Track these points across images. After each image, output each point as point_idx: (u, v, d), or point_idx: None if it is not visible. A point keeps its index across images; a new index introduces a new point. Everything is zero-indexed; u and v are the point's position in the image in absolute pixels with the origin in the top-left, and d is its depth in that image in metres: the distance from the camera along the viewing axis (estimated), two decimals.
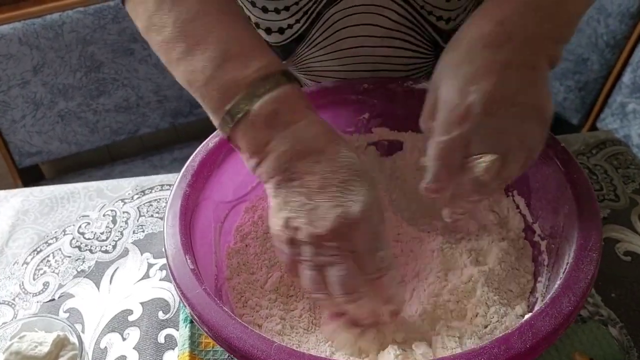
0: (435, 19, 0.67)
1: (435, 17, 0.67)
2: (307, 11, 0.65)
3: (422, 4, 0.65)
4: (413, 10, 0.65)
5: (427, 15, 0.66)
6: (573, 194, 0.51)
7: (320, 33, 0.67)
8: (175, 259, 0.48)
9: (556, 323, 0.41)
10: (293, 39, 0.69)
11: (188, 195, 0.55)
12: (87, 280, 0.70)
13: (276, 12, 0.66)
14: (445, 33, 0.69)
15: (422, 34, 0.68)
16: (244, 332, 0.42)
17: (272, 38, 0.70)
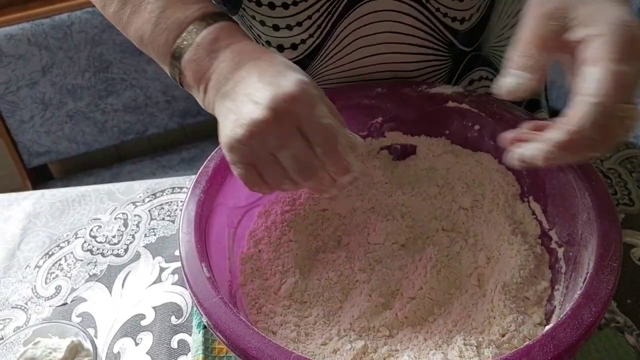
0: (450, 21, 0.66)
1: (450, 18, 0.66)
2: (320, 25, 0.65)
3: (437, 7, 0.65)
4: (428, 13, 0.65)
5: (442, 18, 0.66)
6: (592, 201, 0.51)
7: (335, 45, 0.67)
8: (191, 267, 0.48)
9: (578, 334, 0.41)
10: (307, 54, 0.68)
11: (202, 202, 0.54)
12: (100, 284, 0.70)
13: (288, 29, 0.65)
14: (460, 33, 0.69)
15: (438, 37, 0.67)
16: (261, 342, 0.42)
17: (285, 54, 0.69)
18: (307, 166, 0.48)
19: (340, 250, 0.63)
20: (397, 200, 0.66)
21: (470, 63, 0.74)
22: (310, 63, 0.70)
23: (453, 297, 0.58)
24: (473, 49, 0.72)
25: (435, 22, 0.66)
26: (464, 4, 0.65)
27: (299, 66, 0.69)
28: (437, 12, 0.65)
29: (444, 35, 0.68)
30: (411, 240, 0.64)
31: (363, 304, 0.57)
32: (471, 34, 0.70)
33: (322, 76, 0.71)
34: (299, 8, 0.63)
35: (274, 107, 0.46)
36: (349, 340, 0.53)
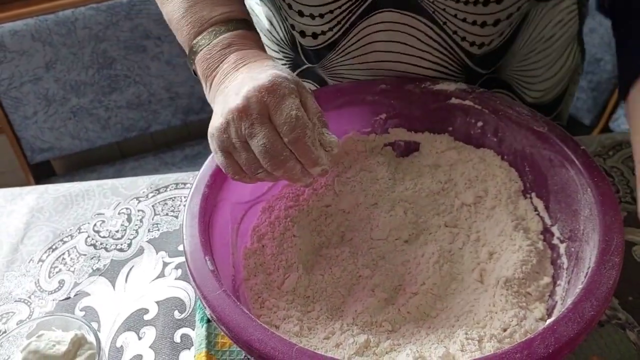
0: (468, 45, 0.66)
1: (468, 42, 0.65)
2: (340, 21, 0.65)
3: (455, 29, 0.64)
4: (445, 34, 0.64)
5: (459, 41, 0.65)
6: (594, 197, 0.51)
7: (351, 43, 0.67)
8: (195, 261, 0.48)
9: (579, 328, 0.41)
10: (325, 45, 0.69)
11: (207, 196, 0.55)
12: (103, 279, 0.70)
13: (311, 18, 0.66)
14: (477, 57, 0.68)
15: (452, 58, 0.67)
16: (264, 334, 0.42)
17: (306, 41, 0.70)
18: (275, 155, 0.50)
19: (343, 245, 0.63)
20: (400, 196, 0.66)
21: (485, 84, 0.72)
22: (327, 55, 0.71)
23: (455, 292, 0.58)
24: (489, 72, 0.71)
25: (451, 44, 0.65)
26: (484, 30, 0.64)
27: (318, 55, 0.71)
28: (454, 34, 0.64)
29: (459, 57, 0.67)
30: (414, 235, 0.64)
31: (366, 299, 0.57)
32: (489, 57, 0.69)
33: (337, 69, 0.72)
34: (323, 1, 0.64)
35: (246, 97, 0.50)
36: (352, 335, 0.53)
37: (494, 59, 0.69)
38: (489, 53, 0.67)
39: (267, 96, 0.50)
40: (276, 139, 0.50)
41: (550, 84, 0.77)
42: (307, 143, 0.51)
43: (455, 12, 0.62)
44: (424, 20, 0.64)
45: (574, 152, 0.55)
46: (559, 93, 0.80)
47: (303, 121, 0.50)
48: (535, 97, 0.77)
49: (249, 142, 0.51)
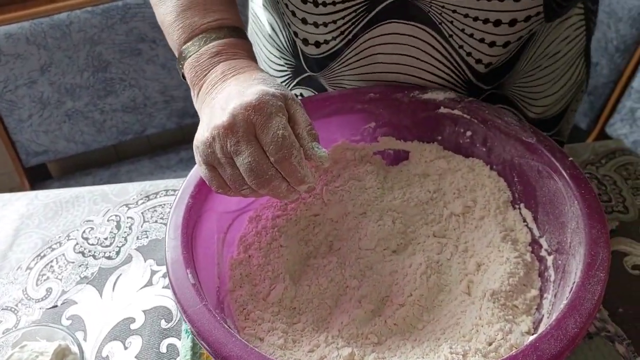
0: (474, 62, 0.64)
1: (474, 59, 0.64)
2: (343, 31, 0.65)
3: (461, 44, 0.63)
4: (450, 47, 0.63)
5: (465, 56, 0.64)
6: (581, 210, 0.51)
7: (354, 54, 0.67)
8: (176, 273, 0.48)
9: (561, 346, 0.41)
10: (328, 54, 0.68)
11: (190, 207, 0.54)
12: (90, 287, 0.70)
13: (315, 26, 0.65)
14: (481, 75, 0.66)
15: (455, 72, 0.66)
16: (244, 350, 0.42)
17: (308, 49, 0.70)
18: (260, 174, 0.50)
19: (331, 255, 0.62)
20: (388, 206, 0.65)
21: (487, 100, 0.71)
22: (329, 64, 0.70)
23: (442, 304, 0.58)
24: (492, 88, 0.70)
25: (457, 58, 0.64)
26: (493, 50, 0.63)
27: (320, 64, 0.71)
28: (460, 49, 0.63)
29: (464, 73, 0.66)
30: (402, 246, 0.64)
31: (353, 311, 0.57)
32: (493, 74, 0.68)
33: (338, 79, 0.72)
34: (327, 10, 0.63)
35: (233, 114, 0.50)
36: (336, 347, 0.53)
37: (497, 76, 0.68)
38: (493, 70, 0.66)
39: (253, 114, 0.49)
40: (262, 158, 0.50)
41: (553, 99, 0.76)
42: (293, 163, 0.50)
43: (463, 26, 0.61)
44: (429, 31, 0.63)
45: (562, 163, 0.55)
46: (562, 109, 0.78)
47: (290, 141, 0.50)
48: (538, 113, 0.76)
49: (235, 159, 0.51)
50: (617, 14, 1.33)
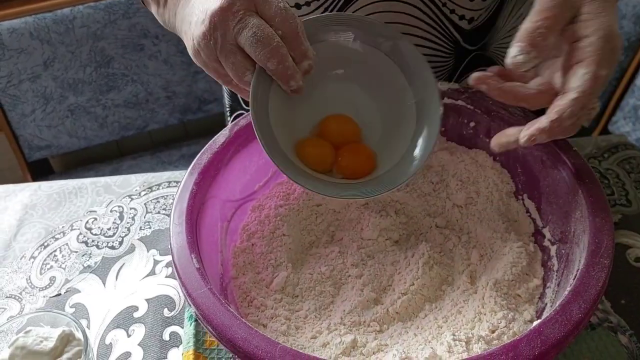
0: (457, 18, 0.67)
1: (457, 15, 0.66)
2: (327, 7, 0.65)
3: (444, 1, 0.65)
4: (435, 7, 0.65)
5: (449, 14, 0.66)
6: (585, 199, 0.51)
7: None
8: (181, 258, 0.48)
9: (565, 330, 0.41)
10: None
11: (195, 194, 0.54)
12: (94, 276, 0.70)
13: (297, 7, 0.66)
14: (466, 32, 0.68)
15: (443, 32, 0.67)
16: (248, 332, 0.42)
17: None
18: (267, 42, 0.48)
19: (333, 245, 0.63)
20: (391, 197, 0.65)
21: (473, 62, 0.74)
22: None
23: (445, 294, 0.58)
24: (477, 49, 0.72)
25: (442, 18, 0.66)
26: (473, 3, 0.65)
27: None
28: (443, 7, 0.65)
29: (449, 32, 0.68)
30: (405, 236, 0.64)
31: (354, 299, 0.57)
32: (477, 33, 0.70)
33: None
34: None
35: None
36: (339, 334, 0.53)
37: (481, 35, 0.70)
38: (476, 29, 0.68)
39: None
40: (266, 26, 0.48)
41: None
42: (299, 33, 0.50)
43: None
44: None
45: (566, 153, 0.55)
46: None
47: (292, 12, 0.50)
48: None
49: (238, 38, 0.49)
50: (620, 11, 1.33)
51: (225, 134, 0.60)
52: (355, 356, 0.51)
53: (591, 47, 0.46)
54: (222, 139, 0.60)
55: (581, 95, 0.45)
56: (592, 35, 0.46)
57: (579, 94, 0.45)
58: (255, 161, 0.64)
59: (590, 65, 0.45)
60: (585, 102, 0.46)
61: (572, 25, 0.47)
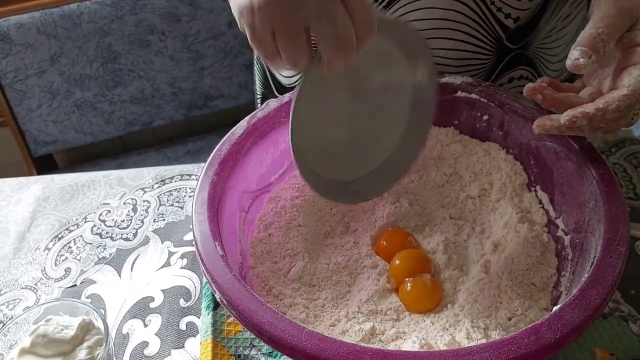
0: (503, 17, 0.67)
1: (503, 14, 0.67)
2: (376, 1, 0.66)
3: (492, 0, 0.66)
4: (483, 4, 0.66)
5: (495, 12, 0.67)
6: (599, 188, 0.52)
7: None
8: (205, 245, 0.49)
9: (585, 315, 0.42)
10: None
11: (215, 183, 0.55)
12: (109, 267, 0.71)
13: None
14: (510, 31, 0.69)
15: (488, 30, 0.68)
16: (274, 317, 0.43)
17: None
18: (348, 39, 0.42)
19: (348, 235, 0.64)
20: (405, 188, 0.66)
21: (512, 60, 0.74)
22: None
23: (460, 283, 0.59)
24: (518, 47, 0.73)
25: (488, 15, 0.67)
26: (520, 3, 0.66)
27: None
28: (491, 5, 0.66)
29: (494, 29, 0.68)
30: (419, 227, 0.65)
31: (371, 288, 0.58)
32: (520, 32, 0.71)
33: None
34: None
35: None
36: (358, 322, 0.54)
37: (524, 34, 0.71)
38: (520, 27, 0.69)
39: None
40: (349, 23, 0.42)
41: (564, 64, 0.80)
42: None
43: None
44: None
45: (580, 144, 0.56)
46: (569, 75, 0.82)
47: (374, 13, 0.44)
48: (553, 77, 0.79)
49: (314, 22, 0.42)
50: None
51: (243, 126, 0.61)
52: (374, 343, 0.51)
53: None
54: (240, 130, 0.61)
55: (631, 93, 0.47)
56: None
57: (629, 91, 0.47)
58: (271, 153, 0.65)
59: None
60: (633, 101, 0.47)
61: (630, 32, 0.49)
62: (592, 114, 0.48)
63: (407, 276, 0.58)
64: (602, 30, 0.48)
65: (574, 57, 0.49)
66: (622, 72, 0.49)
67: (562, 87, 0.54)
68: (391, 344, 0.52)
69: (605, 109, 0.47)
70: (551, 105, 0.52)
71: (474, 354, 0.40)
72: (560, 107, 0.52)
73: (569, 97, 0.52)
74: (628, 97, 0.47)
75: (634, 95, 0.47)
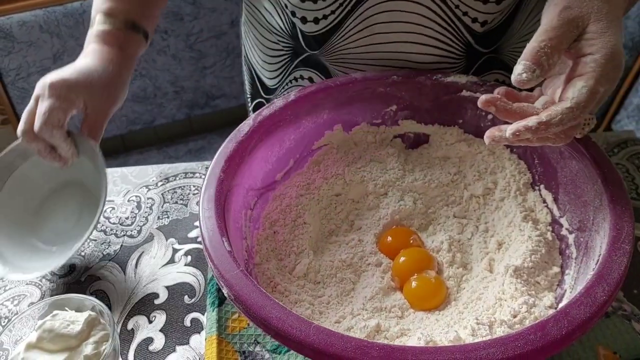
0: (470, 21, 0.67)
1: (470, 18, 0.66)
2: (342, 3, 0.66)
3: (457, 4, 0.65)
4: (447, 8, 0.65)
5: (461, 16, 0.66)
6: (604, 187, 0.52)
7: (354, 25, 0.68)
8: (213, 241, 0.49)
9: (591, 311, 0.42)
10: (328, 29, 0.69)
11: (222, 180, 0.55)
12: (113, 264, 0.71)
13: (313, 2, 0.67)
14: (478, 35, 0.69)
15: (455, 34, 0.68)
16: (282, 312, 0.43)
17: (307, 27, 0.71)
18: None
19: (352, 233, 0.64)
20: (409, 187, 0.67)
21: (486, 64, 0.74)
22: (329, 39, 0.71)
23: (464, 281, 0.59)
24: (490, 51, 0.72)
25: (453, 19, 0.66)
26: (487, 7, 0.65)
27: (319, 41, 0.72)
28: (456, 8, 0.65)
29: (461, 33, 0.68)
30: (423, 225, 0.65)
31: (375, 286, 0.58)
32: (490, 36, 0.70)
33: (339, 53, 0.72)
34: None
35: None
36: (363, 319, 0.54)
37: (495, 38, 0.71)
38: (490, 32, 0.69)
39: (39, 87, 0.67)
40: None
41: None
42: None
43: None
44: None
45: (584, 144, 0.56)
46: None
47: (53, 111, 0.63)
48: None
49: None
50: None
51: (249, 123, 0.61)
52: (379, 340, 0.52)
53: (594, 64, 0.47)
54: (246, 128, 0.61)
55: (575, 106, 0.46)
56: (596, 53, 0.47)
57: (572, 104, 0.46)
58: (276, 152, 0.65)
59: (590, 79, 0.46)
60: (577, 114, 0.46)
61: (578, 42, 0.48)
62: (534, 127, 0.47)
63: (410, 275, 0.58)
64: (545, 43, 0.47)
65: (517, 72, 0.48)
66: (568, 83, 0.48)
67: (519, 97, 0.53)
68: (396, 341, 0.52)
69: (548, 123, 0.46)
70: (505, 116, 0.50)
71: (481, 349, 0.41)
72: (515, 118, 0.50)
73: (523, 107, 0.50)
74: (572, 110, 0.46)
75: (577, 107, 0.46)
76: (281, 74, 0.82)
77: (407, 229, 0.64)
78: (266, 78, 0.85)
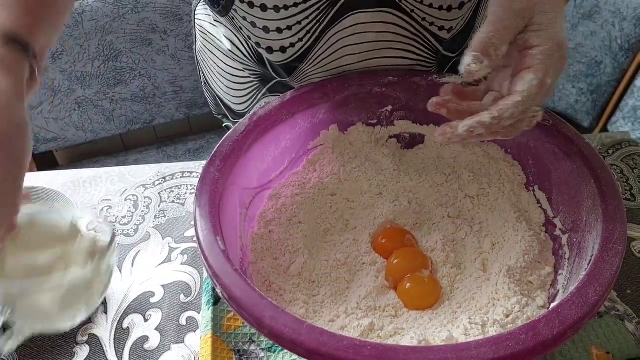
0: (437, 29, 0.68)
1: (437, 27, 0.68)
2: (309, 30, 0.66)
3: (423, 16, 0.66)
4: (414, 22, 0.66)
5: (428, 27, 0.67)
6: (597, 188, 0.52)
7: (322, 51, 0.68)
8: (207, 240, 0.49)
9: (583, 312, 0.42)
10: (295, 57, 0.70)
11: (217, 180, 0.56)
12: None
13: (278, 32, 0.67)
14: (446, 41, 0.70)
15: (423, 43, 0.69)
16: (275, 311, 0.43)
17: (274, 57, 0.71)
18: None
19: (347, 232, 0.64)
20: (404, 187, 0.67)
21: (453, 68, 0.76)
22: (298, 66, 0.71)
23: (457, 281, 0.59)
24: (458, 54, 0.74)
25: (422, 31, 0.68)
26: (451, 14, 0.67)
27: (288, 68, 0.72)
28: (423, 21, 0.67)
29: (430, 43, 0.69)
30: (417, 225, 0.65)
31: (369, 285, 0.58)
32: (456, 40, 0.72)
33: (309, 79, 0.73)
34: (290, 12, 0.64)
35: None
36: (357, 318, 0.54)
37: (460, 42, 0.72)
38: (455, 36, 0.70)
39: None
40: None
41: None
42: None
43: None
44: (392, 12, 0.65)
45: (578, 145, 0.57)
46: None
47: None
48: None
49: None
50: (622, 13, 1.35)
51: (245, 123, 0.62)
52: (373, 339, 0.52)
53: (541, 56, 0.47)
54: (241, 127, 0.61)
55: (525, 99, 0.47)
56: (542, 45, 0.47)
57: (522, 98, 0.47)
58: (272, 151, 0.65)
59: (538, 72, 0.47)
60: (527, 106, 0.47)
61: (524, 34, 0.49)
62: (488, 123, 0.47)
63: (404, 275, 0.59)
64: (493, 34, 0.47)
65: (466, 63, 0.48)
66: (516, 76, 0.48)
67: (466, 92, 0.53)
68: (389, 340, 0.52)
69: (500, 117, 0.47)
70: (457, 117, 0.50)
71: (472, 349, 0.41)
72: (466, 117, 0.50)
73: (473, 106, 0.51)
74: (522, 104, 0.47)
75: (527, 100, 0.46)
76: (250, 99, 0.83)
77: (401, 228, 0.64)
78: (233, 104, 0.86)
